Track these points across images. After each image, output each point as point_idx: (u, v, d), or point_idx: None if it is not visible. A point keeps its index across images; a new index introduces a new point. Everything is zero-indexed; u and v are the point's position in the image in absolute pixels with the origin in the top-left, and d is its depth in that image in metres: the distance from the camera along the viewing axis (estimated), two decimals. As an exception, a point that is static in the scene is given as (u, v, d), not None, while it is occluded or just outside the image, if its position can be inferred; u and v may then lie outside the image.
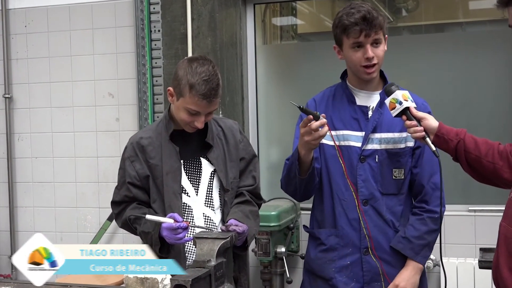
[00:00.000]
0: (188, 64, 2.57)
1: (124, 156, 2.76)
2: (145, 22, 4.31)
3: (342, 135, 2.71)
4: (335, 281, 2.72)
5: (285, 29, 4.98)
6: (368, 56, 2.61)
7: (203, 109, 2.56)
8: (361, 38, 2.60)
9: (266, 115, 4.62)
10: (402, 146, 2.69)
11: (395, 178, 2.70)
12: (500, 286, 2.00)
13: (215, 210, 2.73)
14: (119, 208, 2.77)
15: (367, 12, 2.57)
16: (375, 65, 2.63)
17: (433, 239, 2.70)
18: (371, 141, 2.68)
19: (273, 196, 4.50)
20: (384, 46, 2.66)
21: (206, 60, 2.60)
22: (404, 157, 2.70)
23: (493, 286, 3.75)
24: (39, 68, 4.70)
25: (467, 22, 4.50)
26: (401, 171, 2.69)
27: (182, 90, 2.54)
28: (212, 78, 2.53)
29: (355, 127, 2.70)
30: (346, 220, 2.70)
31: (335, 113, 2.75)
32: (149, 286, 2.35)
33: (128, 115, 4.49)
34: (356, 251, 2.69)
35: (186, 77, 2.53)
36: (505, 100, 4.16)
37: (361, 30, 2.58)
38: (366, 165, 2.68)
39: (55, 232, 4.71)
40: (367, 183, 2.68)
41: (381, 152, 2.68)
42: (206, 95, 2.52)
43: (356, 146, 2.69)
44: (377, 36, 2.60)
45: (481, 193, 4.00)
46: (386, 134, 2.68)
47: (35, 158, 4.75)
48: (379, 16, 2.60)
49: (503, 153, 2.29)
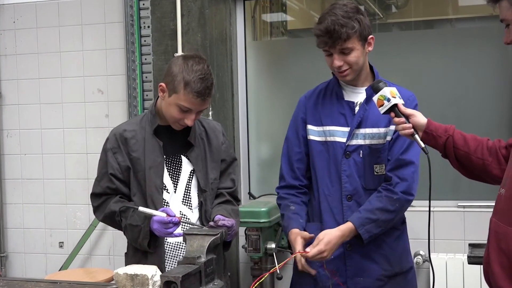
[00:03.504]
0: (183, 62, 2.59)
1: (106, 147, 2.75)
2: (134, 18, 4.30)
3: (329, 130, 2.73)
4: (318, 275, 2.73)
5: (275, 25, 4.98)
6: (333, 66, 2.65)
7: (196, 106, 2.58)
8: (326, 47, 2.63)
9: (256, 111, 4.62)
10: (384, 141, 2.69)
11: (377, 174, 2.71)
12: (491, 282, 2.01)
13: (193, 209, 2.74)
14: (99, 201, 2.75)
15: (332, 23, 2.56)
16: (346, 70, 2.64)
17: (385, 219, 2.61)
18: (356, 136, 2.69)
19: (263, 192, 4.51)
20: (360, 52, 2.62)
21: (201, 59, 2.63)
22: (384, 152, 2.70)
23: (482, 282, 3.79)
24: (28, 64, 4.68)
25: (456, 19, 4.51)
26: (382, 166, 2.70)
27: (177, 86, 2.55)
28: (207, 77, 2.57)
29: (341, 122, 2.72)
30: (331, 215, 2.72)
31: (324, 109, 2.77)
32: (139, 283, 2.35)
33: (118, 111, 4.48)
34: (340, 246, 2.70)
35: (182, 74, 2.54)
36: (493, 96, 4.18)
37: (324, 42, 2.61)
38: (350, 161, 2.69)
39: (45, 229, 4.70)
40: (351, 179, 2.69)
41: (365, 147, 2.69)
42: (201, 93, 2.54)
43: (341, 141, 2.70)
44: (345, 46, 2.59)
45: (470, 189, 4.02)
46: (370, 130, 2.69)
47: (24, 154, 4.73)
48: (346, 26, 2.56)
49: (492, 149, 2.29)
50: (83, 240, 4.52)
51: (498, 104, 4.17)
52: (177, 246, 2.72)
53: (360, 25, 2.60)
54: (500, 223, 1.98)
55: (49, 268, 4.70)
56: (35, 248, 4.75)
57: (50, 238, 4.71)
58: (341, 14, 2.58)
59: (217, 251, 2.41)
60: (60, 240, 4.68)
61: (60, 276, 4.08)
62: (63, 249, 4.66)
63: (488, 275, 2.03)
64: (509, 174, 2.03)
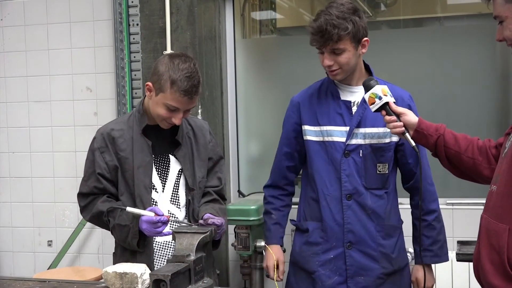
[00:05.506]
0: (169, 60, 2.57)
1: (93, 147, 2.73)
2: (123, 15, 4.28)
3: (326, 130, 2.73)
4: (318, 275, 2.74)
5: (264, 23, 4.98)
6: (323, 65, 2.66)
7: (183, 105, 2.57)
8: (318, 46, 2.64)
9: (246, 109, 4.62)
10: (387, 141, 2.71)
11: (379, 173, 2.72)
12: (481, 278, 2.02)
13: (181, 208, 2.74)
14: (86, 201, 2.74)
15: (325, 23, 2.57)
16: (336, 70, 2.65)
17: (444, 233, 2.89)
18: (355, 136, 2.70)
19: (252, 190, 4.51)
20: (352, 53, 2.63)
21: (187, 57, 2.61)
22: (389, 152, 2.72)
23: (471, 279, 3.81)
24: (16, 62, 4.65)
25: (445, 17, 4.53)
26: (385, 165, 2.72)
27: (163, 85, 2.54)
28: (194, 75, 2.55)
29: (339, 122, 2.72)
30: (330, 215, 2.72)
31: (320, 108, 2.77)
32: (128, 281, 2.34)
33: (107, 109, 4.46)
34: (340, 245, 2.71)
35: (168, 73, 2.53)
36: (482, 94, 4.19)
37: (316, 40, 2.62)
38: (350, 160, 2.70)
39: (33, 227, 4.68)
40: (351, 178, 2.70)
41: (365, 147, 2.70)
42: (188, 92, 2.53)
43: (340, 141, 2.71)
44: (336, 46, 2.60)
45: (459, 187, 4.03)
46: (370, 129, 2.70)
47: (12, 153, 4.71)
48: (339, 27, 2.57)
49: (483, 148, 2.30)
50: (71, 239, 4.50)
51: (486, 102, 4.19)
52: (165, 245, 2.72)
53: (354, 27, 2.59)
54: (491, 220, 1.99)
55: (37, 267, 4.68)
56: (24, 247, 4.72)
57: (38, 236, 4.68)
58: (336, 14, 2.58)
59: (207, 249, 2.40)
60: (49, 238, 4.66)
61: (48, 275, 4.07)
62: (52, 248, 4.64)
63: (478, 271, 2.03)
64: (500, 171, 2.03)
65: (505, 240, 1.91)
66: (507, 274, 1.90)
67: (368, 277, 2.71)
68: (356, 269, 2.71)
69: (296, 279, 2.86)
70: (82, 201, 2.76)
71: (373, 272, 2.71)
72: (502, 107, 4.19)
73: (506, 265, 1.90)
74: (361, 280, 2.71)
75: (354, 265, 2.71)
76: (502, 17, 2.06)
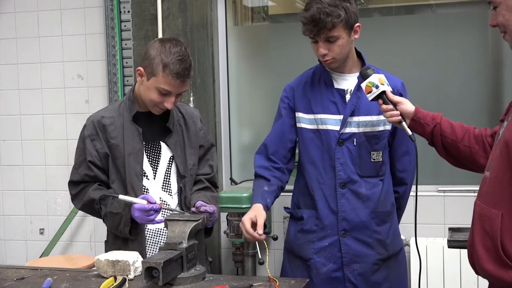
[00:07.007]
0: (160, 44, 2.57)
1: (83, 135, 2.72)
2: (114, 2, 4.25)
3: (320, 119, 2.72)
4: (313, 262, 2.75)
5: (256, 10, 4.96)
6: (318, 53, 2.66)
7: (175, 89, 2.56)
8: (311, 35, 2.63)
9: (238, 97, 4.61)
10: (380, 128, 2.71)
11: (374, 161, 2.73)
12: (475, 264, 2.03)
13: (173, 196, 2.74)
14: (77, 189, 2.73)
15: (318, 12, 2.55)
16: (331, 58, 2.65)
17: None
18: (349, 124, 2.70)
19: (244, 178, 4.51)
20: (346, 40, 2.62)
21: (178, 41, 2.61)
22: (383, 140, 2.73)
23: (462, 265, 3.83)
24: (6, 50, 4.62)
25: (437, 4, 4.52)
26: (379, 153, 2.72)
27: (155, 69, 2.54)
28: (185, 58, 2.55)
29: (333, 110, 2.72)
30: (325, 203, 2.73)
31: (313, 97, 2.76)
32: (120, 269, 2.34)
33: (98, 97, 4.44)
34: (334, 233, 2.72)
35: (160, 56, 2.53)
36: (474, 82, 4.20)
37: (309, 30, 2.61)
38: (344, 148, 2.70)
39: (25, 215, 4.67)
40: (345, 166, 2.70)
41: (359, 135, 2.70)
42: (180, 75, 2.53)
43: (334, 129, 2.70)
44: (330, 34, 2.59)
45: (450, 174, 4.04)
46: (364, 117, 2.70)
47: (3, 141, 4.68)
48: (332, 15, 2.55)
49: (479, 137, 2.32)
50: (63, 227, 4.50)
51: (479, 90, 4.20)
52: (158, 233, 2.72)
53: (347, 13, 2.59)
54: (484, 206, 1.99)
55: (29, 255, 4.67)
56: (15, 235, 4.72)
57: (30, 225, 4.68)
58: (327, 2, 2.57)
59: (199, 237, 2.41)
60: (41, 226, 4.65)
61: (41, 263, 4.06)
62: (44, 236, 4.64)
63: (472, 257, 2.04)
64: (493, 157, 2.04)
65: (498, 225, 1.92)
66: (501, 259, 1.91)
67: (363, 264, 2.72)
68: (351, 256, 2.71)
69: (291, 266, 2.86)
70: (73, 189, 2.75)
71: (369, 258, 2.72)
72: (494, 94, 4.19)
73: (500, 250, 1.91)
74: (356, 267, 2.71)
75: (350, 252, 2.71)
76: (496, 2, 2.05)
